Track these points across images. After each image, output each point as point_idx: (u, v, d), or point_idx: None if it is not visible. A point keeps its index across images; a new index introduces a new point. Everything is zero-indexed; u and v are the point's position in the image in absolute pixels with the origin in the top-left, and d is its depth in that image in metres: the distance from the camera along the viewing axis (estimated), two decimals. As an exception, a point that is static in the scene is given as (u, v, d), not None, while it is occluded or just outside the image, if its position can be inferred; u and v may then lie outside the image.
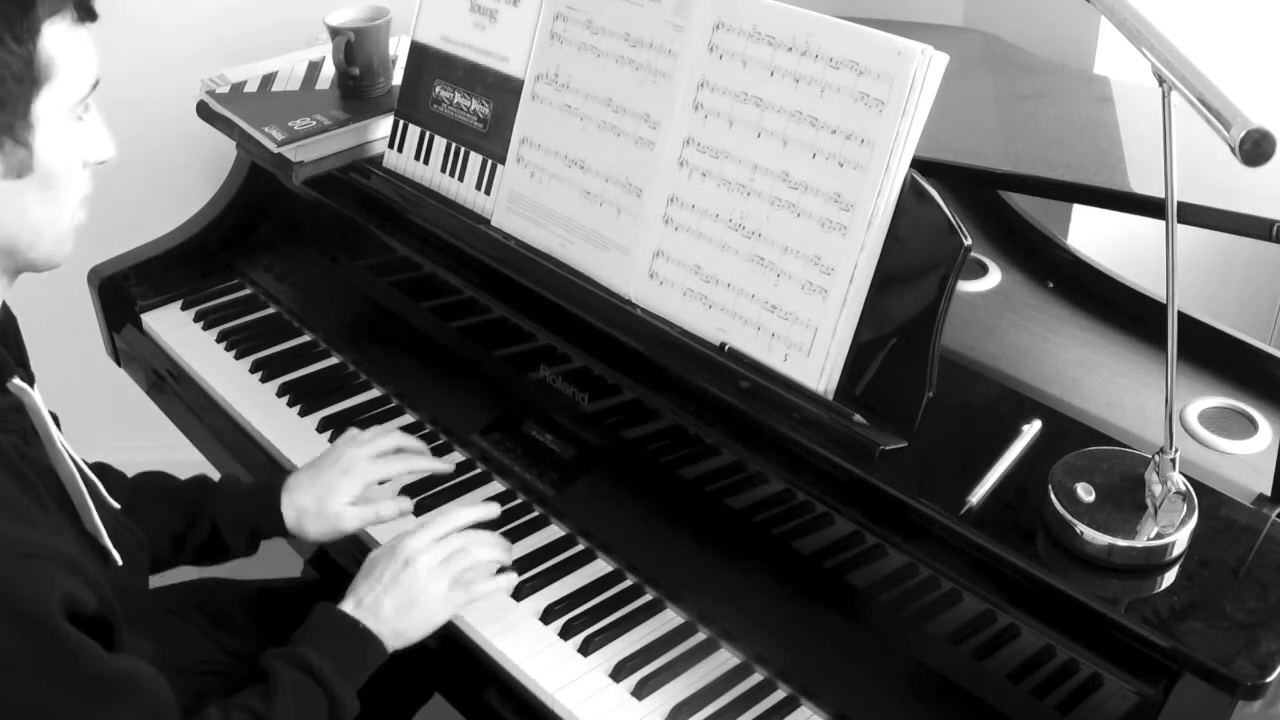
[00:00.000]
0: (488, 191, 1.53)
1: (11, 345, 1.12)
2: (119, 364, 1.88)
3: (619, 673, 1.22)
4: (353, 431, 1.41)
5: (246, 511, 1.33)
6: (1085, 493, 1.07)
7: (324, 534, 1.32)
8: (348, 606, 1.19)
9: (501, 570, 1.28)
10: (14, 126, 0.98)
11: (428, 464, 1.38)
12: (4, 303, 1.11)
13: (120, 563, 1.12)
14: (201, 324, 1.78)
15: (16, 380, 1.04)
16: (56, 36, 0.99)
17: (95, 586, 1.01)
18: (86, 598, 0.99)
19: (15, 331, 1.16)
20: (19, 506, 0.99)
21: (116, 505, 1.18)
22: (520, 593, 1.31)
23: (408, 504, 1.32)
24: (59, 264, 1.08)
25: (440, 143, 1.59)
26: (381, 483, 1.38)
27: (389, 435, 1.39)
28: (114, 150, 1.08)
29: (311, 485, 1.32)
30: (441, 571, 1.21)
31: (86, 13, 1.02)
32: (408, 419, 1.58)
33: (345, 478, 1.32)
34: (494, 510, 1.32)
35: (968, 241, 1.13)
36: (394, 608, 1.19)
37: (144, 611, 1.20)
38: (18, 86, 0.97)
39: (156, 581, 1.30)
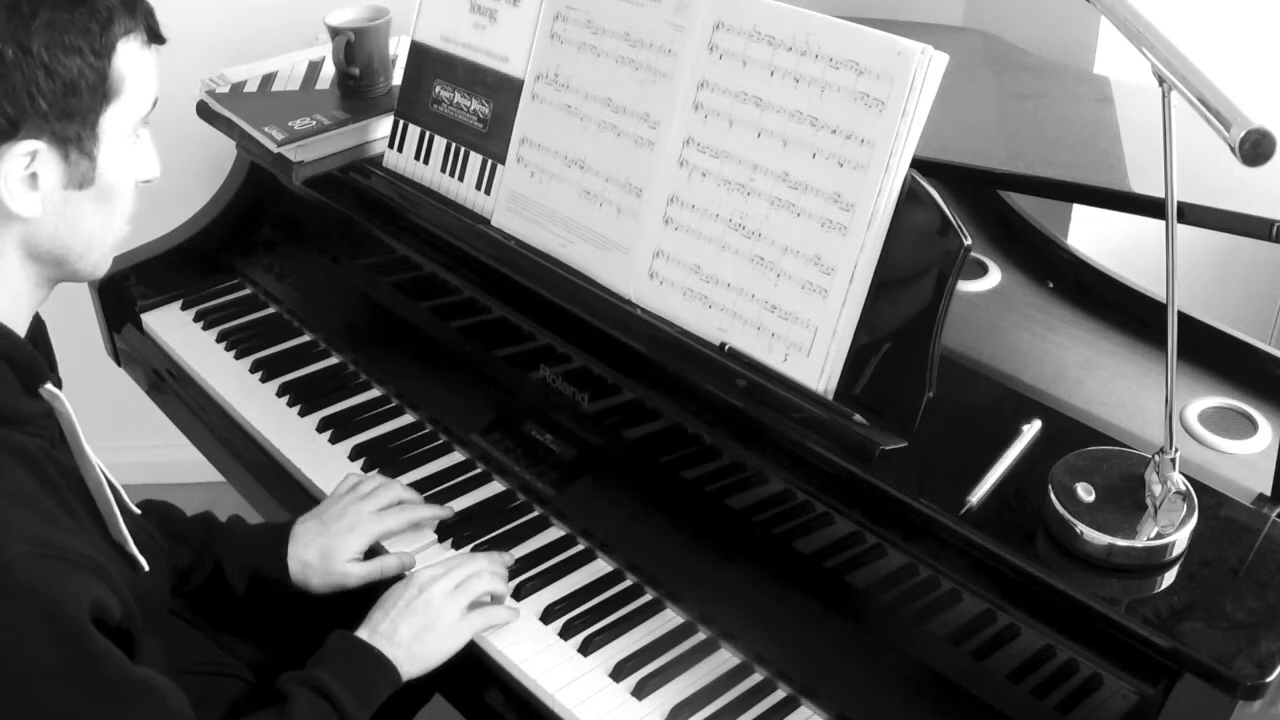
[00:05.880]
0: (488, 191, 1.53)
1: (42, 351, 1.12)
2: (119, 364, 1.88)
3: (619, 673, 1.22)
4: (355, 478, 1.41)
5: (252, 557, 1.33)
6: (1085, 493, 1.07)
7: (328, 588, 1.32)
8: (363, 634, 1.20)
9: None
10: (82, 138, 1.01)
11: (428, 512, 1.39)
12: (36, 310, 1.11)
13: (147, 568, 1.12)
14: (201, 324, 1.78)
15: (49, 386, 1.05)
16: (129, 55, 1.03)
17: (120, 594, 1.01)
18: (112, 605, 1.00)
19: (46, 338, 1.17)
20: (49, 511, 1.00)
21: (138, 511, 1.19)
22: (520, 593, 1.31)
23: (410, 558, 1.33)
24: (99, 276, 1.12)
25: (440, 143, 1.59)
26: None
27: (389, 488, 1.39)
28: (159, 171, 1.12)
29: (316, 539, 1.32)
30: (456, 597, 1.23)
31: (155, 36, 1.07)
32: (408, 419, 1.58)
33: (350, 535, 1.33)
34: (506, 562, 1.33)
35: (968, 241, 1.13)
36: (410, 632, 1.20)
37: (158, 615, 1.20)
38: (90, 99, 1.01)
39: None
